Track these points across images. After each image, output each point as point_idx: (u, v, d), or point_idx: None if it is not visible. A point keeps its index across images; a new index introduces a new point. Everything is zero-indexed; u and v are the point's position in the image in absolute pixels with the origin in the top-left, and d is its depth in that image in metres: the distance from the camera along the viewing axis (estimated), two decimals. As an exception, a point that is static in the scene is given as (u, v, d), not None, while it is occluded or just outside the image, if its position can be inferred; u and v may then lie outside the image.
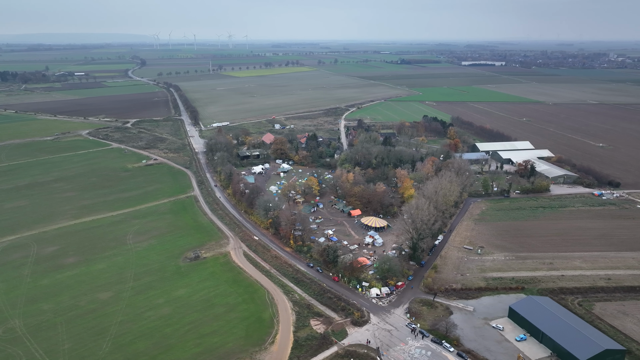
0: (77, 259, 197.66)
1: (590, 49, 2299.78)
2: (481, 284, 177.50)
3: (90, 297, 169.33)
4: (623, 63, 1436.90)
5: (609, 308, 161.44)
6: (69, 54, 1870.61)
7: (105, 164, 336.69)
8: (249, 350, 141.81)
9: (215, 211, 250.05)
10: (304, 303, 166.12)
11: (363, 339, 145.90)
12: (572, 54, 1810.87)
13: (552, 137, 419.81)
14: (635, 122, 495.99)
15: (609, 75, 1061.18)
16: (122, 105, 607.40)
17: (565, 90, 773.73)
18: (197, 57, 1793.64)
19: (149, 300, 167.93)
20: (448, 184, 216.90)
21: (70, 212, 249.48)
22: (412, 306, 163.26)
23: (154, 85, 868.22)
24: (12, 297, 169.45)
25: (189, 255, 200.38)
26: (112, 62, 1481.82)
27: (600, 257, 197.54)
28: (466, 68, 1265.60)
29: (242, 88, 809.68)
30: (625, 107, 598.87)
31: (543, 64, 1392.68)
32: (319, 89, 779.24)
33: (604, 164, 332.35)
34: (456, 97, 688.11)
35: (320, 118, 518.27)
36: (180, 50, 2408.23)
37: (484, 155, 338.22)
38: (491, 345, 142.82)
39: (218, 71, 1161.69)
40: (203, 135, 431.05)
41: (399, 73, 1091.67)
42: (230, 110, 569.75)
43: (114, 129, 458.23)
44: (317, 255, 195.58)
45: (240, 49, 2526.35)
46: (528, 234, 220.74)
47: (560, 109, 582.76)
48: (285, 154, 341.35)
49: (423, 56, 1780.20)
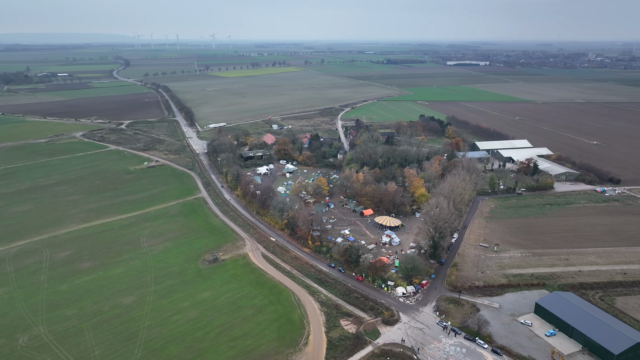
0: (93, 264, 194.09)
1: (569, 48, 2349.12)
2: (502, 280, 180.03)
3: (113, 302, 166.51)
4: (602, 63, 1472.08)
5: (630, 302, 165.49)
6: (49, 54, 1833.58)
7: (107, 167, 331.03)
8: (283, 352, 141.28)
9: (226, 213, 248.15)
10: (332, 303, 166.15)
11: (396, 338, 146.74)
12: (553, 54, 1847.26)
13: (546, 136, 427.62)
14: (623, 120, 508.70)
15: (590, 74, 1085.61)
16: (113, 107, 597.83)
17: (551, 89, 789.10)
18: (181, 57, 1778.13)
19: (174, 303, 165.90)
20: (462, 182, 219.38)
21: (78, 215, 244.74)
22: (439, 304, 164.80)
23: (142, 86, 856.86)
24: (32, 304, 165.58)
25: (208, 257, 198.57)
26: (95, 63, 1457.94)
27: (613, 252, 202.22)
28: (452, 68, 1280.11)
29: (232, 88, 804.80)
30: (612, 105, 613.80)
31: (526, 64, 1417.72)
32: (311, 89, 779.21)
33: (601, 161, 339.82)
34: (447, 96, 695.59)
35: (316, 118, 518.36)
36: (162, 50, 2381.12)
37: (485, 154, 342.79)
38: (523, 341, 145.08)
39: (205, 71, 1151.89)
40: (201, 136, 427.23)
41: (387, 73, 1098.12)
42: (224, 110, 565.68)
43: (109, 131, 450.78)
44: (337, 255, 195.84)
45: (223, 49, 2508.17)
46: (540, 230, 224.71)
47: (551, 107, 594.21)
48: (288, 154, 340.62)
49: (408, 56, 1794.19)
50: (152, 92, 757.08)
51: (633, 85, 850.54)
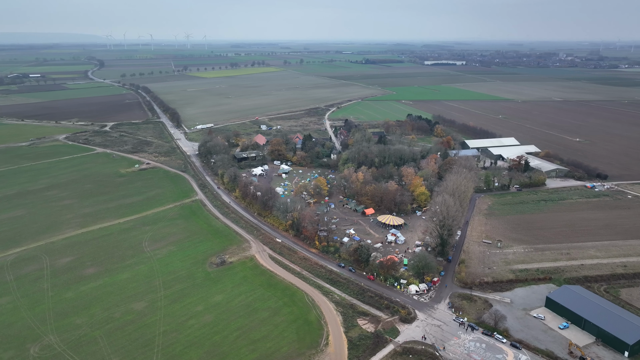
0: (97, 270, 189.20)
1: (540, 48, 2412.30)
2: (510, 276, 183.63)
3: (123, 308, 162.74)
4: (573, 62, 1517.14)
5: (634, 293, 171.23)
6: (17, 55, 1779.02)
7: (97, 170, 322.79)
8: (305, 353, 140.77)
9: (227, 215, 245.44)
10: (346, 303, 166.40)
11: (416, 335, 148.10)
12: (526, 54, 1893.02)
13: (531, 134, 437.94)
14: (601, 117, 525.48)
15: (563, 73, 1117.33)
16: (94, 108, 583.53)
17: (529, 88, 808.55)
18: (157, 57, 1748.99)
19: (187, 308, 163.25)
20: (464, 180, 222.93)
21: (74, 220, 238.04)
22: (453, 301, 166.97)
23: (120, 87, 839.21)
24: (39, 313, 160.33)
25: (214, 260, 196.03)
26: (68, 63, 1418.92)
27: (611, 245, 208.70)
28: (430, 67, 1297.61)
29: (214, 89, 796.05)
30: (589, 103, 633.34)
31: (501, 63, 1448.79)
32: (294, 89, 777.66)
33: (586, 157, 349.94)
34: (430, 96, 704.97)
35: (304, 118, 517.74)
36: (136, 50, 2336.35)
37: (476, 152, 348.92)
38: (538, 335, 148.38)
39: (183, 72, 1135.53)
40: (189, 137, 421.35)
41: (367, 73, 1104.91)
42: (209, 111, 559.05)
43: (93, 133, 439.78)
44: (346, 255, 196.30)
45: (198, 49, 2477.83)
46: (538, 226, 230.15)
47: (531, 106, 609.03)
48: (282, 155, 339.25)
49: (385, 56, 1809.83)
50: (132, 93, 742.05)
51: (604, 84, 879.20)
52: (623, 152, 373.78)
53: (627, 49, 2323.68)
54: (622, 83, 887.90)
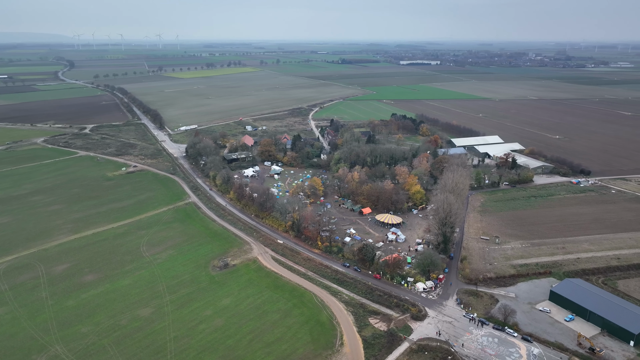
0: (97, 276, 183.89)
1: (510, 48, 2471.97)
2: (512, 271, 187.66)
3: (129, 315, 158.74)
4: (542, 62, 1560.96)
5: (631, 284, 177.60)
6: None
7: (82, 173, 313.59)
8: (322, 354, 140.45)
9: (224, 217, 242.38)
10: (356, 303, 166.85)
11: (429, 332, 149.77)
12: (497, 54, 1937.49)
13: (512, 131, 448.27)
14: (577, 115, 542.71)
15: (534, 72, 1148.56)
16: (70, 110, 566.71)
17: (503, 87, 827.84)
18: (129, 57, 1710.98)
19: (195, 313, 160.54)
20: (461, 177, 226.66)
21: (65, 226, 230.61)
22: (460, 297, 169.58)
23: (94, 88, 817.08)
24: (40, 322, 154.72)
25: (217, 263, 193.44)
26: (36, 64, 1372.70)
27: (602, 239, 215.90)
28: (405, 67, 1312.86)
29: (192, 90, 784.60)
30: (562, 102, 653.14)
31: (474, 63, 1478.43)
32: (274, 90, 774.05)
33: (567, 154, 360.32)
34: (409, 95, 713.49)
35: (288, 119, 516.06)
36: (106, 50, 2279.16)
37: (464, 150, 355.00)
38: (546, 328, 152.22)
39: (159, 72, 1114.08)
40: (174, 139, 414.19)
41: (344, 73, 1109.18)
42: (191, 112, 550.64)
43: (73, 136, 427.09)
44: (350, 254, 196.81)
45: (171, 49, 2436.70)
46: (532, 222, 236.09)
47: (508, 104, 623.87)
48: (272, 155, 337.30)
49: (360, 56, 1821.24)
50: (108, 94, 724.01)
51: (574, 82, 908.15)
52: (601, 148, 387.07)
53: (591, 49, 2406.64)
54: (591, 82, 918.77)
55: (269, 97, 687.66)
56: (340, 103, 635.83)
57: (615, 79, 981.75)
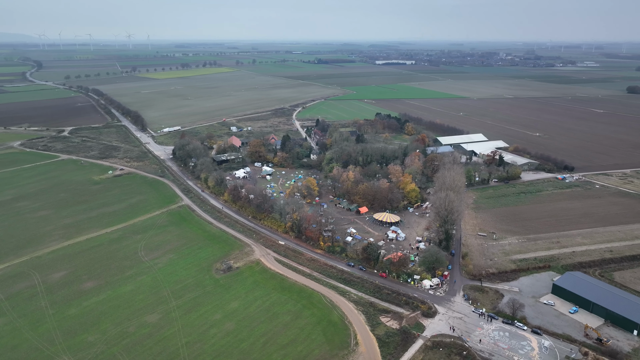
0: (97, 283, 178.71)
1: (480, 48, 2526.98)
2: (512, 266, 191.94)
3: (137, 322, 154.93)
4: (513, 61, 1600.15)
5: (626, 276, 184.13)
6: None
7: (67, 178, 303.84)
8: (338, 354, 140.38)
9: (220, 219, 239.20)
10: (365, 302, 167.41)
11: (441, 329, 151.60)
12: (469, 53, 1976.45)
13: (494, 129, 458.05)
14: (553, 113, 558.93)
15: (506, 72, 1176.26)
16: (44, 112, 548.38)
17: (479, 86, 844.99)
18: (99, 58, 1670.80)
19: (204, 317, 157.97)
20: (458, 175, 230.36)
21: (56, 232, 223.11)
22: (466, 293, 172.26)
23: (67, 89, 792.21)
24: (43, 333, 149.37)
25: (220, 267, 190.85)
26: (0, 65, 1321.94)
27: (594, 232, 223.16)
28: (382, 67, 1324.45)
29: (169, 90, 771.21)
30: (537, 100, 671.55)
31: (448, 62, 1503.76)
32: (253, 90, 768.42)
33: (549, 151, 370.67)
34: (390, 94, 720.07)
35: (272, 119, 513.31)
36: (74, 51, 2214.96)
37: (451, 149, 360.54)
38: (553, 320, 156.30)
39: (132, 73, 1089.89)
40: (158, 141, 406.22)
41: (321, 73, 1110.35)
42: (172, 114, 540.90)
43: (52, 139, 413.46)
44: (353, 254, 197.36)
45: (142, 49, 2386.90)
46: (524, 217, 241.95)
47: (486, 103, 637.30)
48: (262, 156, 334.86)
49: (336, 55, 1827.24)
50: (82, 96, 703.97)
51: (546, 81, 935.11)
52: (580, 145, 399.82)
53: (557, 49, 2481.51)
54: (561, 81, 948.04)
55: (250, 97, 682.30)
56: (322, 103, 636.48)
57: (583, 77, 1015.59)
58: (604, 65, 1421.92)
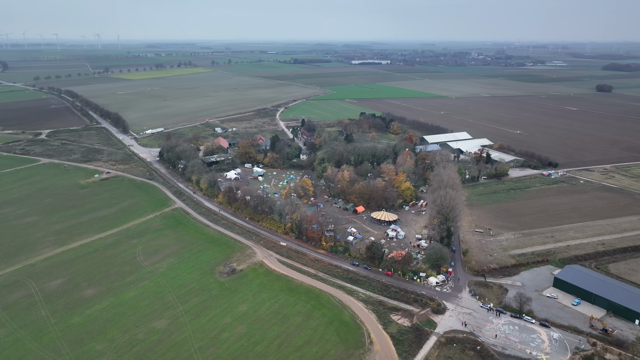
0: (97, 290, 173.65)
1: (452, 48, 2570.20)
2: (512, 261, 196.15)
3: (145, 329, 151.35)
4: (485, 60, 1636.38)
5: (620, 267, 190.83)
6: None
7: (51, 182, 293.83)
8: (354, 354, 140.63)
9: (217, 221, 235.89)
10: (374, 300, 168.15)
11: (452, 325, 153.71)
12: (442, 53, 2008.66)
13: (475, 127, 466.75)
14: (530, 111, 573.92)
15: (480, 71, 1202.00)
16: (16, 115, 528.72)
17: (456, 85, 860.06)
18: (68, 58, 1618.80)
19: (214, 321, 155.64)
20: (453, 172, 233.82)
21: (47, 239, 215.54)
22: (472, 288, 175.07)
23: (38, 91, 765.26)
24: (48, 343, 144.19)
25: (223, 269, 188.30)
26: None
27: (585, 226, 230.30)
28: (358, 67, 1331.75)
29: (146, 91, 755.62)
30: (514, 98, 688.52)
31: (422, 62, 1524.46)
32: (233, 90, 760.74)
33: (531, 148, 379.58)
34: (370, 94, 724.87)
35: (255, 119, 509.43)
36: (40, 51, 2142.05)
37: (438, 147, 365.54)
38: (558, 313, 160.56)
39: (105, 74, 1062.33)
40: (142, 143, 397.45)
41: (299, 72, 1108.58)
42: (152, 115, 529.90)
43: (29, 142, 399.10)
44: (357, 253, 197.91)
45: (112, 49, 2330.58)
46: (517, 213, 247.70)
47: (465, 102, 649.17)
48: (252, 157, 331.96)
49: (311, 55, 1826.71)
50: (55, 97, 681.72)
51: (519, 80, 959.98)
52: (560, 142, 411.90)
53: (526, 49, 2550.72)
54: (533, 79, 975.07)
55: (230, 98, 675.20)
56: (304, 103, 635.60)
57: (554, 76, 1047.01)
58: (571, 64, 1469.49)
